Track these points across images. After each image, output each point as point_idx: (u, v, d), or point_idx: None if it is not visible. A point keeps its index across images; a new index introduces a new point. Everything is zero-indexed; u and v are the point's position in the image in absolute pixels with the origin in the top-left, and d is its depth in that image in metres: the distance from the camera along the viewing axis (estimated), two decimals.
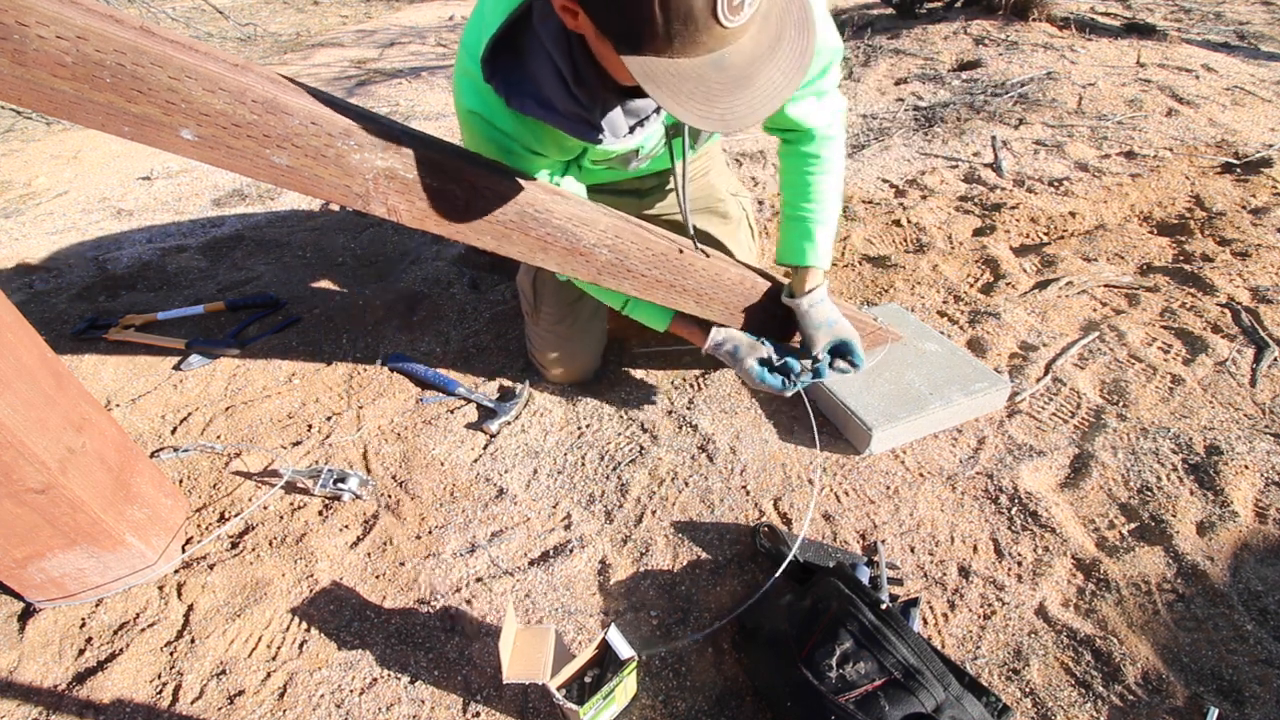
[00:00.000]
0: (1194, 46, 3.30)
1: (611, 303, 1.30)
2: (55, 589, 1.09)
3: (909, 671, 0.83)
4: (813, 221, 1.23)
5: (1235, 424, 1.31)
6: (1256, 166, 2.21)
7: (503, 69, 0.87)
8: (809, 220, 1.23)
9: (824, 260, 1.25)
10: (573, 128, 0.90)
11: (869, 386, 1.37)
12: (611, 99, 0.90)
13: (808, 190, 1.22)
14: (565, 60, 0.84)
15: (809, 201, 1.23)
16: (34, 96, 0.73)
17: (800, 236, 1.24)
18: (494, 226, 1.01)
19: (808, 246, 1.24)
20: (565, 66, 0.84)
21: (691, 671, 0.99)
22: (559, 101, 0.87)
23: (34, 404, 0.95)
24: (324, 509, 1.27)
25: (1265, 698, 0.91)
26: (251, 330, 1.77)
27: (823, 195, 1.22)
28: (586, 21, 0.71)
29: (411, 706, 0.96)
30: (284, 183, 0.87)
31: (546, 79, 0.86)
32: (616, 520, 1.22)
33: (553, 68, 0.85)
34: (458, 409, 1.48)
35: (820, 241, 1.24)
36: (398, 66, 4.21)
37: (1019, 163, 2.40)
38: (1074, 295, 1.70)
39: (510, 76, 0.87)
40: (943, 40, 3.67)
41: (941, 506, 1.20)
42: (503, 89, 0.87)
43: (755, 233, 1.59)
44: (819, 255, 1.24)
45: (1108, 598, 1.04)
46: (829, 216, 1.24)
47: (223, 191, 2.67)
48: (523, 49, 0.86)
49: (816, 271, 1.25)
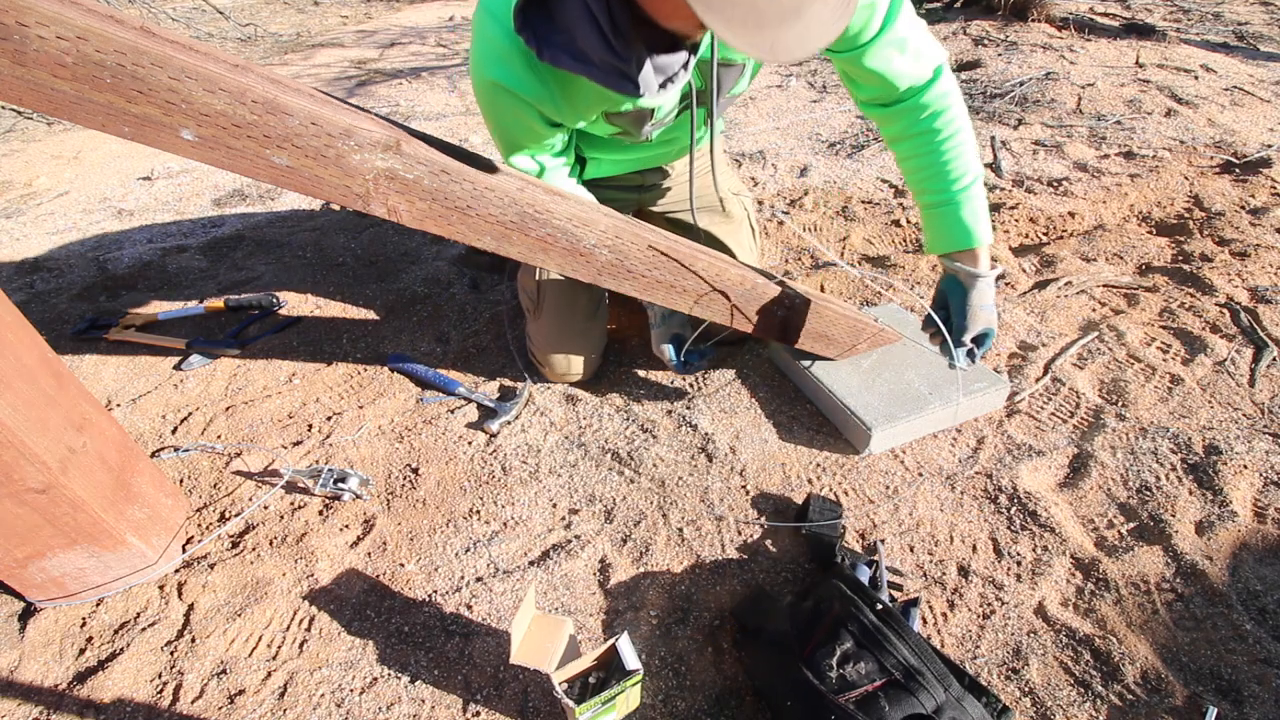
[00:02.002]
0: (1193, 47, 3.30)
1: None
2: (56, 588, 1.09)
3: (909, 672, 0.83)
4: (959, 200, 1.13)
5: (1234, 424, 1.31)
6: (1255, 166, 2.21)
7: (534, 22, 0.86)
8: (954, 201, 1.14)
9: (988, 233, 1.16)
10: (607, 79, 0.88)
11: (869, 386, 1.37)
12: (643, 52, 0.89)
13: (941, 165, 1.12)
14: (603, 10, 0.83)
15: (946, 179, 1.13)
16: (34, 97, 0.73)
17: (951, 223, 1.15)
18: (494, 227, 1.01)
19: (968, 228, 1.14)
20: (603, 16, 0.83)
21: (691, 671, 0.99)
22: (594, 53, 0.86)
23: (35, 404, 0.95)
24: (324, 509, 1.27)
25: (1264, 697, 0.91)
26: (252, 330, 1.77)
27: (957, 164, 1.12)
28: None
29: (411, 706, 0.97)
30: (284, 183, 0.87)
31: (582, 30, 0.84)
32: (616, 520, 1.22)
33: (589, 18, 0.83)
34: (458, 409, 1.49)
35: (971, 216, 1.14)
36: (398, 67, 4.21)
37: (1018, 163, 2.40)
38: (1073, 295, 1.70)
39: (541, 29, 0.86)
40: (942, 40, 3.67)
41: (941, 506, 1.21)
42: (534, 41, 0.86)
43: (756, 233, 1.59)
44: (980, 232, 1.15)
45: (1107, 597, 1.04)
46: (971, 183, 1.13)
47: (223, 192, 2.67)
48: (552, 5, 0.86)
49: (985, 248, 1.16)
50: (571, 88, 1.01)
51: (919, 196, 1.20)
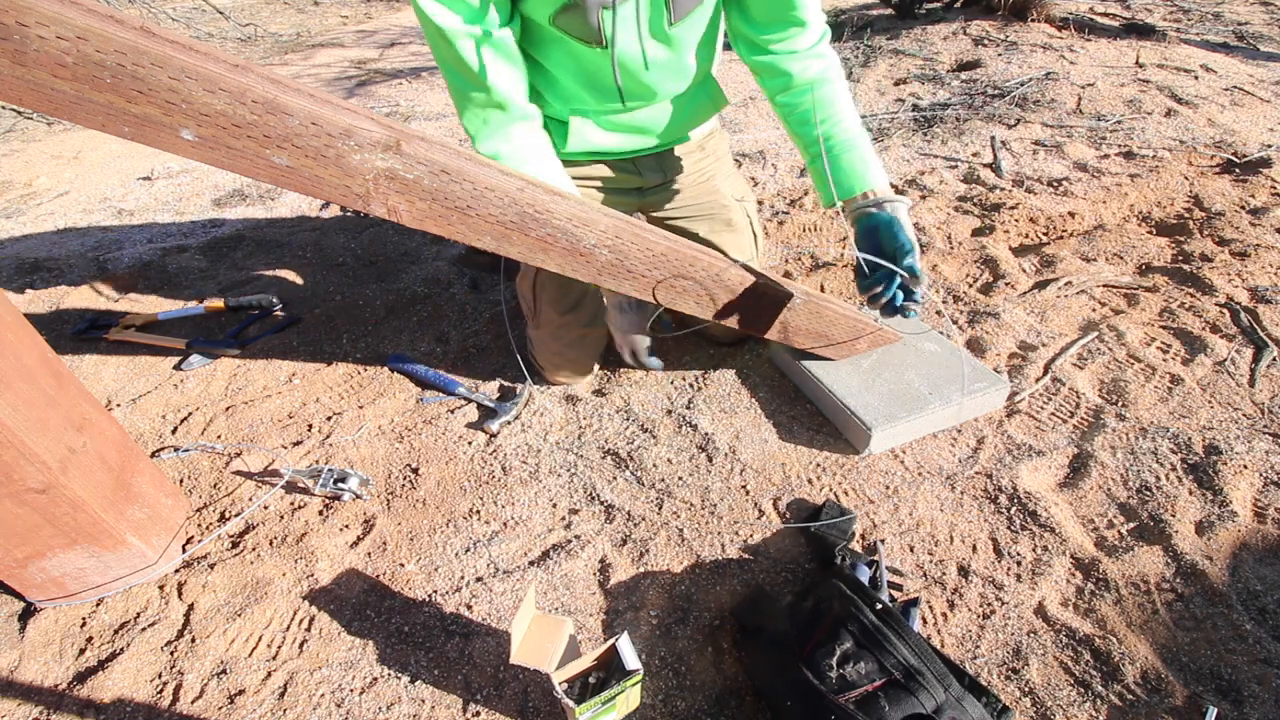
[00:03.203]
0: (1193, 47, 3.30)
1: None
2: (56, 588, 1.09)
3: (909, 672, 0.83)
4: (865, 138, 1.17)
5: (1234, 424, 1.31)
6: (1255, 166, 2.21)
7: None
8: (862, 138, 1.17)
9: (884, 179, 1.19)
10: None
11: (869, 386, 1.37)
12: None
13: (846, 107, 1.17)
14: None
15: (854, 119, 1.17)
16: (34, 97, 0.73)
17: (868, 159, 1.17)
18: (494, 227, 1.01)
19: (878, 161, 1.18)
20: None
21: (691, 671, 0.99)
22: None
23: (34, 404, 0.95)
24: (324, 509, 1.27)
25: (1264, 697, 0.91)
26: (252, 330, 1.77)
27: (851, 107, 1.17)
28: None
29: (411, 706, 0.97)
30: (284, 183, 0.87)
31: None
32: (616, 520, 1.22)
33: None
34: (458, 409, 1.49)
35: (873, 152, 1.18)
36: (398, 67, 4.21)
37: (1018, 163, 2.40)
38: (1073, 295, 1.70)
39: None
40: (942, 41, 3.67)
41: (941, 506, 1.21)
42: None
43: (759, 240, 1.58)
44: (877, 174, 1.18)
45: (1107, 597, 1.04)
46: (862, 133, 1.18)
47: (223, 191, 2.67)
48: None
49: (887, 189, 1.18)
50: None
51: (821, 144, 1.19)
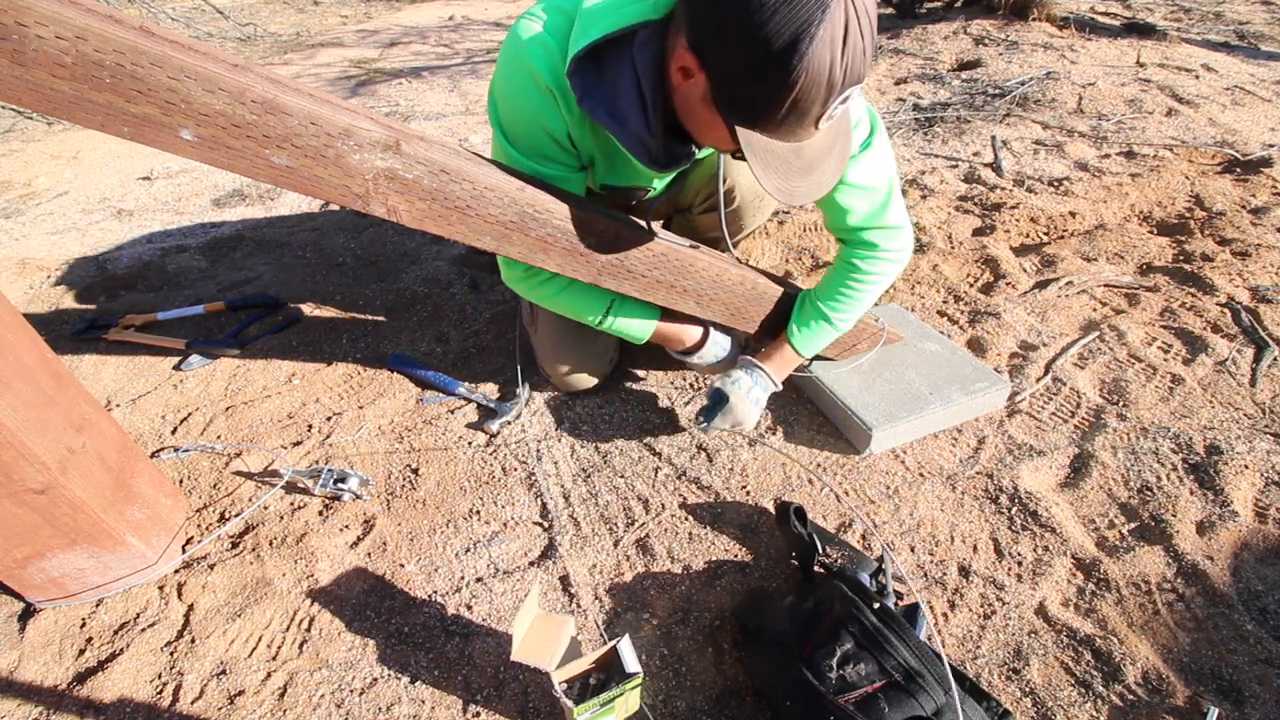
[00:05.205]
0: (1194, 46, 3.30)
1: (586, 316, 1.26)
2: (55, 589, 1.09)
3: (909, 674, 0.83)
4: (824, 314, 1.25)
5: (1235, 424, 1.31)
6: (1256, 166, 2.21)
7: (583, 70, 0.92)
8: (822, 311, 1.25)
9: (810, 350, 1.29)
10: (633, 147, 0.98)
11: (869, 386, 1.37)
12: (663, 137, 0.98)
13: (835, 291, 1.24)
14: (653, 90, 0.92)
15: (830, 300, 1.25)
16: (33, 96, 0.73)
17: (800, 311, 1.28)
18: (494, 227, 1.01)
19: (802, 324, 1.27)
20: (650, 95, 0.92)
21: (691, 671, 0.99)
22: (632, 121, 0.95)
23: (34, 404, 0.95)
24: (324, 509, 1.27)
25: (1265, 697, 0.91)
26: (251, 330, 1.77)
27: (847, 301, 1.24)
28: (701, 84, 0.84)
29: (411, 706, 0.97)
30: (284, 183, 0.87)
31: (627, 97, 0.93)
32: (616, 520, 1.22)
33: (637, 90, 0.92)
34: (458, 409, 1.49)
35: (814, 331, 1.26)
36: (398, 67, 4.21)
37: (1019, 162, 2.40)
38: (1074, 295, 1.70)
39: (589, 80, 0.93)
40: (942, 40, 3.67)
41: (941, 506, 1.20)
42: (579, 87, 0.93)
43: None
44: (800, 338, 1.27)
45: (1108, 597, 1.04)
46: (839, 320, 1.25)
47: (223, 192, 2.67)
48: (604, 61, 0.92)
49: (786, 349, 1.28)
50: (597, 139, 1.08)
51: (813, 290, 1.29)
